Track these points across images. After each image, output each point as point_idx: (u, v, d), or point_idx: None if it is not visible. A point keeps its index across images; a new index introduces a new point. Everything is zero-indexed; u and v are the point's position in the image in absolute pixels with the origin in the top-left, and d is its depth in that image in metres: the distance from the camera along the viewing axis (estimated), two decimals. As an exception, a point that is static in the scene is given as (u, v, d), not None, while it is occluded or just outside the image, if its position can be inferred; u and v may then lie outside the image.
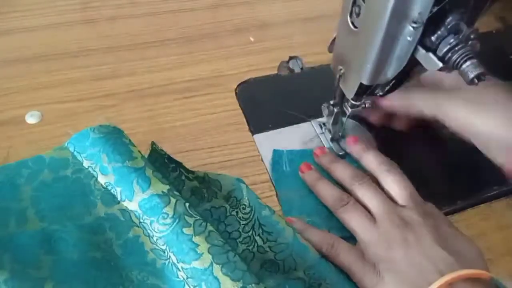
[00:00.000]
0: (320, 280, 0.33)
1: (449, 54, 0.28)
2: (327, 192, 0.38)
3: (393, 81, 0.34)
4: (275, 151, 0.42)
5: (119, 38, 0.53)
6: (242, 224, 0.36)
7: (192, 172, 0.38)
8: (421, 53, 0.29)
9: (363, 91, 0.34)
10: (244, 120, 0.45)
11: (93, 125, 0.44)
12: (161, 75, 0.49)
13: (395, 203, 0.35)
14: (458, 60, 0.28)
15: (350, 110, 0.38)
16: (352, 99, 0.36)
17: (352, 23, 0.31)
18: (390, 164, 0.37)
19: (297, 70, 0.50)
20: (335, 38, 0.35)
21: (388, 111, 0.40)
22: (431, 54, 0.28)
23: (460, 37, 0.28)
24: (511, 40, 0.53)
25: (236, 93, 0.48)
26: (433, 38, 0.28)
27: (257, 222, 0.36)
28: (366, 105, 0.37)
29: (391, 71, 0.31)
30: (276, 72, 0.50)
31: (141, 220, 0.34)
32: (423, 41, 0.29)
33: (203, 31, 0.55)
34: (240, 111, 0.46)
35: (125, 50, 0.52)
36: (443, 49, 0.28)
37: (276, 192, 0.40)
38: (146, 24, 0.55)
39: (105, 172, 0.34)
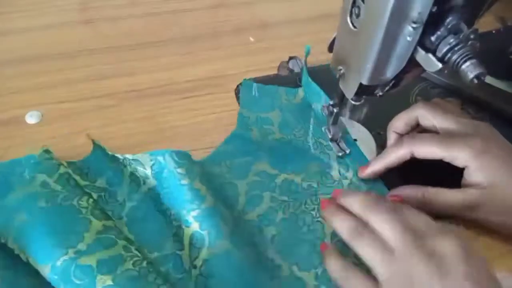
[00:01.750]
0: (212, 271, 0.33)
1: (449, 54, 0.28)
2: (342, 224, 0.33)
3: (393, 81, 0.34)
4: (244, 80, 0.47)
5: (119, 38, 0.53)
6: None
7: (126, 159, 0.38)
8: (421, 54, 0.29)
9: (363, 91, 0.34)
10: (244, 120, 0.45)
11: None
12: (161, 75, 0.49)
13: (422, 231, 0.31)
14: (458, 60, 0.28)
15: (349, 110, 0.38)
16: (352, 99, 0.36)
17: (352, 23, 0.31)
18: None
19: (297, 70, 0.50)
20: (335, 38, 0.35)
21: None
22: (430, 55, 0.28)
23: (460, 37, 0.28)
24: (511, 40, 0.53)
25: (236, 93, 0.48)
26: (432, 38, 0.28)
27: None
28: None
29: (391, 71, 0.31)
30: (276, 72, 0.50)
31: None
32: (422, 41, 0.29)
33: (203, 31, 0.55)
34: (240, 111, 0.46)
35: (125, 50, 0.52)
36: (443, 49, 0.28)
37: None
38: (146, 24, 0.55)
39: None
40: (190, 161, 0.37)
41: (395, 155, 0.38)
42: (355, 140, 0.43)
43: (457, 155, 0.35)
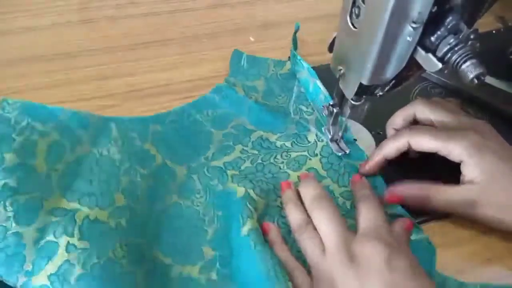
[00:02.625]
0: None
1: (449, 54, 0.28)
2: (291, 216, 0.36)
3: (393, 81, 0.34)
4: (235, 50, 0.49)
5: (119, 38, 0.53)
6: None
7: None
8: (421, 54, 0.29)
9: (363, 91, 0.34)
10: (244, 120, 0.45)
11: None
12: (161, 75, 0.49)
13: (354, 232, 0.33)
14: (458, 60, 0.28)
15: (349, 110, 0.38)
16: (352, 99, 0.36)
17: (352, 23, 0.31)
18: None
19: (297, 70, 0.50)
20: (335, 38, 0.35)
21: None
22: (430, 55, 0.28)
23: (460, 37, 0.28)
24: (511, 40, 0.53)
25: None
26: (432, 38, 0.28)
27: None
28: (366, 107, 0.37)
29: (391, 71, 0.31)
30: (276, 72, 0.50)
31: None
32: (423, 42, 0.29)
33: (203, 31, 0.55)
34: (240, 111, 0.46)
35: (125, 50, 0.52)
36: (443, 49, 0.28)
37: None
38: (146, 24, 0.55)
39: None
40: (144, 125, 0.40)
41: (393, 145, 0.38)
42: (355, 140, 0.43)
43: (452, 149, 0.35)
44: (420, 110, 0.39)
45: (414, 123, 0.40)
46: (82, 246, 0.30)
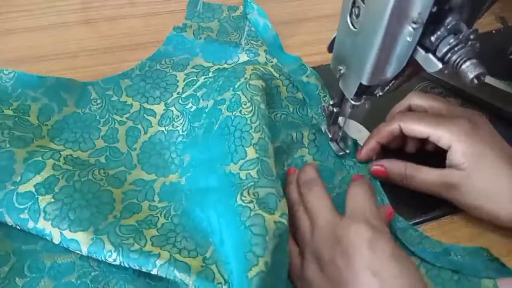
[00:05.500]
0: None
1: (449, 55, 0.28)
2: (290, 196, 0.37)
3: (393, 81, 0.34)
4: None
5: (119, 38, 0.53)
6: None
7: None
8: (421, 54, 0.29)
9: (363, 91, 0.34)
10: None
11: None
12: (161, 75, 0.49)
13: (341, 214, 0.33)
14: (458, 60, 0.28)
15: (349, 110, 0.38)
16: (351, 99, 0.36)
17: (352, 23, 0.31)
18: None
19: (297, 70, 0.50)
20: (335, 38, 0.35)
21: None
22: (430, 55, 0.28)
23: (460, 37, 0.28)
24: (511, 40, 0.53)
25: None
26: (432, 38, 0.28)
27: None
28: (366, 106, 0.37)
29: (390, 71, 0.31)
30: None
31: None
32: (422, 42, 0.29)
33: (203, 31, 0.55)
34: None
35: (125, 50, 0.52)
36: (442, 49, 0.28)
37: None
38: (146, 24, 0.55)
39: None
40: (116, 82, 0.46)
41: (385, 129, 0.39)
42: (355, 140, 0.43)
43: (442, 135, 0.36)
44: (414, 99, 0.40)
45: None
46: (66, 168, 0.37)
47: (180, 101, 0.45)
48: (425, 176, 0.37)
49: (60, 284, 0.33)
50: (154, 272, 0.31)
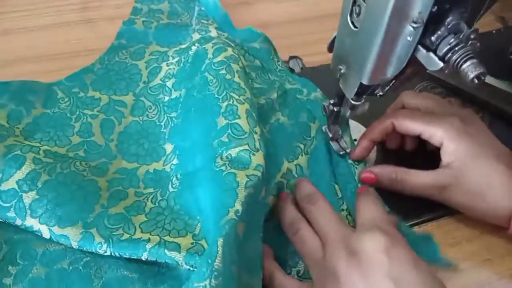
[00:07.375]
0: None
1: (449, 54, 0.28)
2: (284, 215, 0.36)
3: (393, 81, 0.34)
4: None
5: (119, 38, 0.53)
6: None
7: None
8: (422, 53, 0.29)
9: (363, 91, 0.34)
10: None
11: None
12: (161, 75, 0.49)
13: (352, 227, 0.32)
14: (458, 60, 0.28)
15: (349, 110, 0.38)
16: (352, 99, 0.36)
17: (352, 23, 0.31)
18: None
19: (297, 70, 0.50)
20: (335, 38, 0.35)
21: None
22: (431, 54, 0.28)
23: (460, 37, 0.28)
24: (511, 40, 0.53)
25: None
26: (433, 38, 0.28)
27: None
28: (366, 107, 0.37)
29: (391, 71, 0.31)
30: (276, 72, 0.50)
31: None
32: (423, 41, 0.29)
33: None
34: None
35: (125, 50, 0.52)
36: (443, 49, 0.28)
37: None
38: (146, 24, 0.55)
39: None
40: (79, 79, 0.46)
41: (378, 127, 0.39)
42: (355, 140, 0.43)
43: (434, 132, 0.36)
44: (406, 98, 0.41)
45: None
46: (47, 161, 0.36)
47: (149, 91, 0.45)
48: (416, 179, 0.37)
49: (52, 271, 0.33)
50: (144, 257, 0.31)
